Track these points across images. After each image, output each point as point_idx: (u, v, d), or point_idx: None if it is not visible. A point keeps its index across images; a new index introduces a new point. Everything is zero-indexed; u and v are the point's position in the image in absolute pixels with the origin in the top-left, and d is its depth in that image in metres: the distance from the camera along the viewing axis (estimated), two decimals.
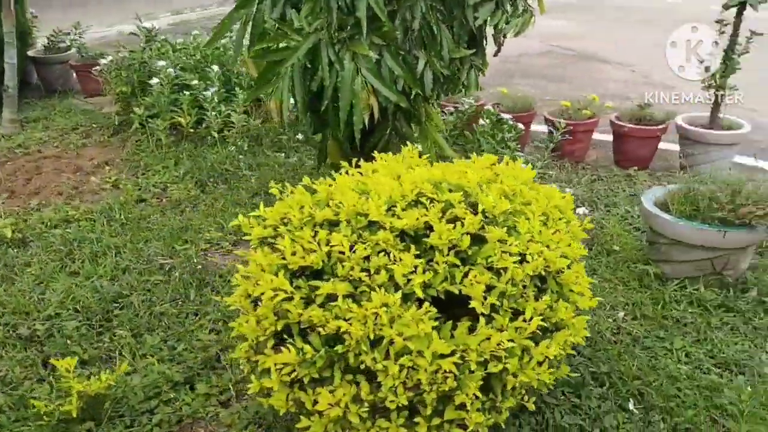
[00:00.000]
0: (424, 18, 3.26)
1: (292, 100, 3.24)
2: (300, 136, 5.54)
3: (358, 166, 2.61)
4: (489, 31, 3.48)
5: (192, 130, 5.36)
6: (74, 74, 7.21)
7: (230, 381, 2.85)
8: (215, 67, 5.37)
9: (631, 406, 2.69)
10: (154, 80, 5.14)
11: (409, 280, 1.94)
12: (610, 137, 5.43)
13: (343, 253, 2.00)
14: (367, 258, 1.99)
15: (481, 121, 4.50)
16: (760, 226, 3.27)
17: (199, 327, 3.24)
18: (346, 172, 2.54)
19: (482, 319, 1.92)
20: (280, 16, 3.34)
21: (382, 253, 1.98)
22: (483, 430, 1.91)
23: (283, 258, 2.08)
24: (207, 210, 4.44)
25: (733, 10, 4.44)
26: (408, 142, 3.42)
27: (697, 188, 3.36)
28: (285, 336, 2.04)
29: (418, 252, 2.00)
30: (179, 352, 3.03)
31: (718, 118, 4.80)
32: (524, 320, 1.95)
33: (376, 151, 3.42)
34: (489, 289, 1.97)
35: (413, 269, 1.95)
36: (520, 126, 4.34)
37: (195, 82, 5.31)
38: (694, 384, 2.82)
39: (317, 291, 1.95)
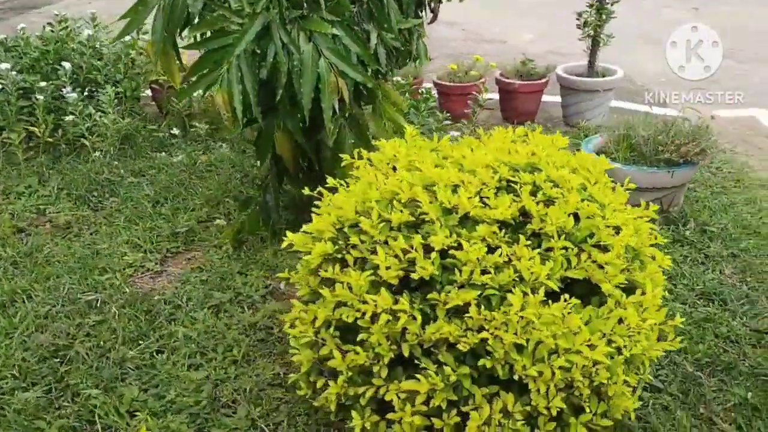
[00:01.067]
0: None
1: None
2: (176, 131, 5.00)
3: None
4: None
5: (50, 140, 4.61)
6: None
7: (248, 417, 2.51)
8: (66, 65, 4.64)
9: None
10: None
11: (531, 273, 1.78)
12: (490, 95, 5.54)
13: (454, 257, 1.79)
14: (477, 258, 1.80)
15: None
16: (698, 161, 3.51)
17: (174, 365, 2.81)
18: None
19: (611, 301, 1.83)
20: None
21: (499, 250, 1.79)
22: (632, 414, 1.84)
23: (376, 274, 1.82)
24: (108, 229, 3.86)
25: None
26: (360, 125, 3.22)
27: (639, 134, 3.51)
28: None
29: (528, 242, 1.84)
30: (172, 400, 2.60)
31: (594, 66, 5.07)
32: (642, 293, 1.89)
33: (329, 139, 3.18)
34: (600, 267, 1.88)
35: (530, 260, 1.80)
36: (434, 93, 4.25)
37: (43, 84, 4.55)
38: (692, 319, 2.97)
39: (444, 305, 1.73)
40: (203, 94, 3.20)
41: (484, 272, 1.77)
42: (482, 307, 1.72)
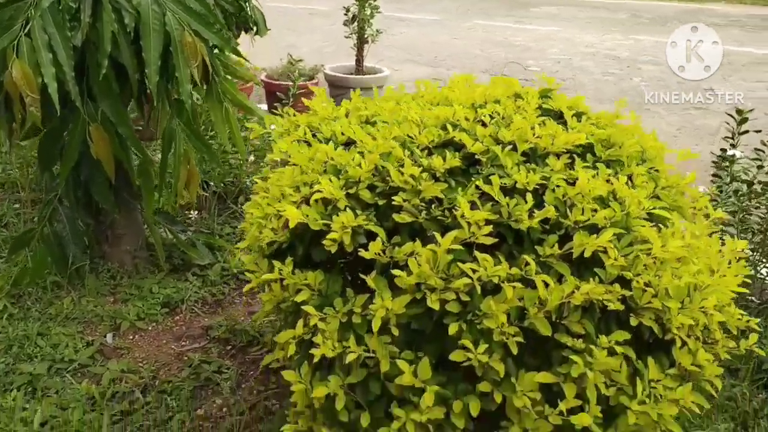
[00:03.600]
0: None
1: None
2: None
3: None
4: None
5: None
6: None
7: None
8: None
9: None
10: None
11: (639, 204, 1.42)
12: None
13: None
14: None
15: None
16: None
17: None
18: None
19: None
20: None
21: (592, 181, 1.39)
22: None
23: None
24: None
25: None
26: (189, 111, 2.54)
27: None
28: None
29: (609, 171, 1.48)
30: None
31: (362, 64, 4.91)
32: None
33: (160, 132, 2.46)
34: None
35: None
36: None
37: None
38: None
39: (569, 258, 1.27)
40: None
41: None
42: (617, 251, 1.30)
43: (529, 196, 1.33)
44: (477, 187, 1.35)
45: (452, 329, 1.25)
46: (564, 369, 1.26)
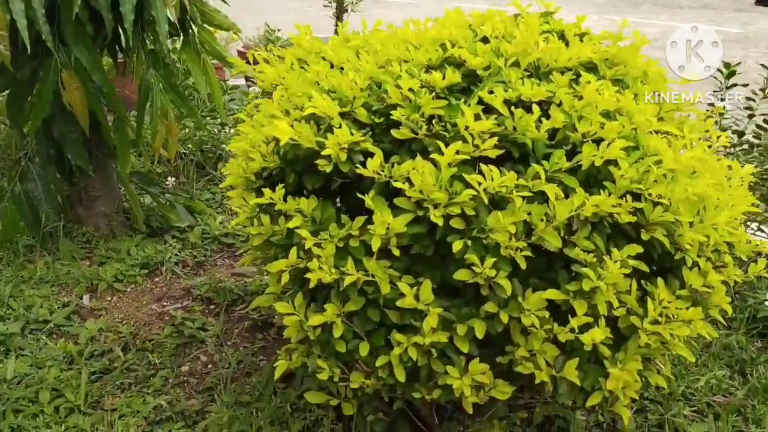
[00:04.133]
0: None
1: None
2: None
3: None
4: None
5: None
6: None
7: None
8: None
9: None
10: None
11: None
12: None
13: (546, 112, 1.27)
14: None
15: None
16: None
17: None
18: None
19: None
20: None
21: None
22: None
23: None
24: None
25: None
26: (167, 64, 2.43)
27: None
28: None
29: (615, 88, 1.42)
30: None
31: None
32: None
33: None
34: None
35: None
36: None
37: None
38: None
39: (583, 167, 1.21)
40: None
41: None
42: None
43: (535, 109, 1.26)
44: (480, 101, 1.28)
45: (457, 246, 1.18)
46: (573, 287, 1.19)
